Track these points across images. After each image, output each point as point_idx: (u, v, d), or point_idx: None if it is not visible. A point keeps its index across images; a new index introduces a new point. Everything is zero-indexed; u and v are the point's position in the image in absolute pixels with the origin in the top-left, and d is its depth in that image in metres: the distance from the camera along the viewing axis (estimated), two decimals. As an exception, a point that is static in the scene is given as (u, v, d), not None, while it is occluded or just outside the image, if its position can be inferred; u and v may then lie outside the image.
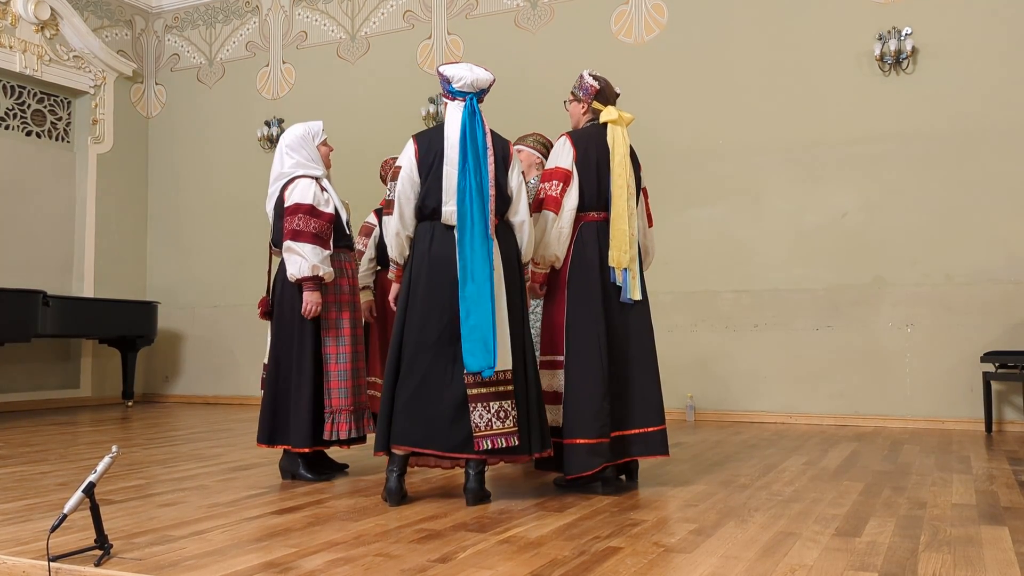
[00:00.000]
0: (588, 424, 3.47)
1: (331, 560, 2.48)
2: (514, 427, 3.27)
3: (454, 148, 3.33)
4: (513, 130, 7.50)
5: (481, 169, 3.29)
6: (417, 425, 3.28)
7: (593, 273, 3.60)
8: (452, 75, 3.39)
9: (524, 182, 3.50)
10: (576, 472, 3.47)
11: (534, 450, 3.35)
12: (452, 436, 3.26)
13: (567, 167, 3.60)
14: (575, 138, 3.68)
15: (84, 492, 2.46)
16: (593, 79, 3.78)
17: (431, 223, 3.39)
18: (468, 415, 3.25)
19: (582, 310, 3.58)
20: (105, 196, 8.88)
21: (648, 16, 7.23)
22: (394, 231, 3.41)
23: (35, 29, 8.19)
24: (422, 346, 3.31)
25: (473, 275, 3.22)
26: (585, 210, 3.64)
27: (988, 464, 4.34)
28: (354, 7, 8.47)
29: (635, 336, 3.67)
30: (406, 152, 3.42)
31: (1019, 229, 6.03)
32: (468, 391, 3.25)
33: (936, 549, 2.59)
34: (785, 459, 4.53)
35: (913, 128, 6.33)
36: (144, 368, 9.14)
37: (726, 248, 6.84)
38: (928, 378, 6.18)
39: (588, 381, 3.50)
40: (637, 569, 2.38)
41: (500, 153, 3.41)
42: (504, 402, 3.27)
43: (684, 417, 6.71)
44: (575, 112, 3.84)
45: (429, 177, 3.35)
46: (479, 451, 3.24)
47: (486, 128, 3.37)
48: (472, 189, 3.25)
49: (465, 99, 3.38)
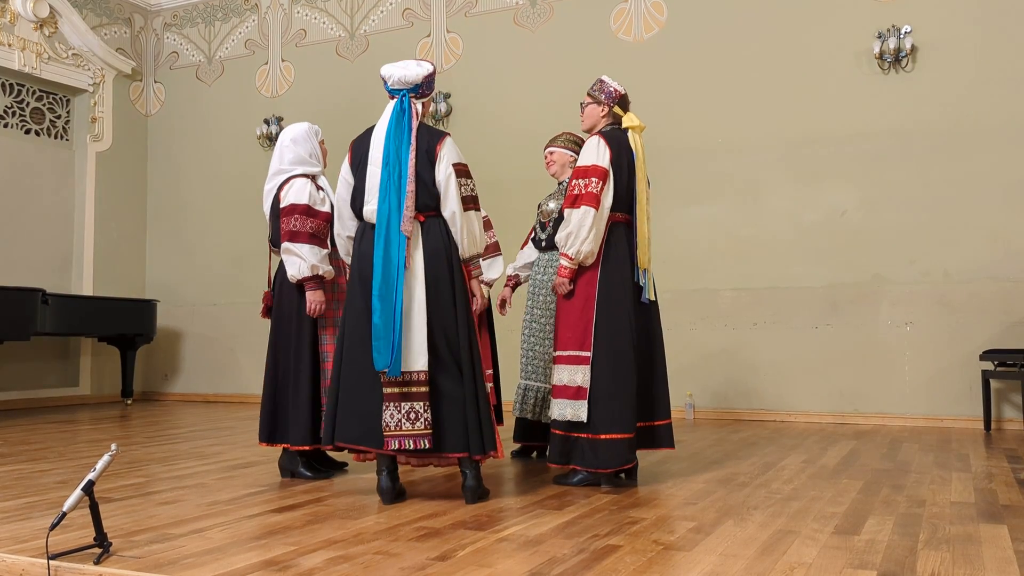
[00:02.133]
0: (627, 420, 3.56)
1: (330, 558, 2.48)
2: (426, 429, 3.21)
3: (378, 147, 3.35)
4: (511, 127, 7.55)
5: (401, 165, 3.28)
6: (354, 422, 3.29)
7: (625, 273, 3.69)
8: (384, 74, 3.41)
9: (452, 174, 3.34)
10: (615, 466, 3.55)
11: (473, 452, 3.26)
12: (380, 433, 3.26)
13: (605, 165, 3.63)
14: (608, 139, 3.71)
15: (83, 490, 2.47)
16: (617, 84, 3.85)
17: (363, 222, 3.42)
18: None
19: (615, 309, 3.64)
20: (104, 194, 8.88)
21: (647, 14, 7.23)
22: (336, 232, 3.57)
23: (34, 27, 8.18)
24: (354, 343, 3.33)
25: (383, 273, 3.22)
26: (613, 211, 3.69)
27: (987, 462, 4.35)
28: (353, 5, 8.47)
29: (650, 334, 3.80)
30: (346, 156, 3.48)
31: (1018, 227, 6.03)
32: (383, 390, 3.24)
33: (935, 547, 2.60)
34: (784, 457, 4.53)
35: (912, 126, 6.33)
36: (143, 366, 9.14)
37: (725, 246, 6.84)
38: (927, 376, 6.18)
39: (623, 378, 3.58)
40: (636, 567, 2.38)
41: (424, 146, 3.34)
42: (416, 403, 3.22)
43: (683, 415, 6.71)
44: (593, 114, 3.85)
45: (357, 176, 3.41)
46: (389, 450, 3.23)
47: (413, 123, 3.34)
48: (392, 186, 3.26)
49: (397, 97, 3.39)
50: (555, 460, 3.69)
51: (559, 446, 3.66)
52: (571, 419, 3.59)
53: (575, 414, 3.58)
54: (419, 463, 3.48)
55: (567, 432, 3.63)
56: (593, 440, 3.56)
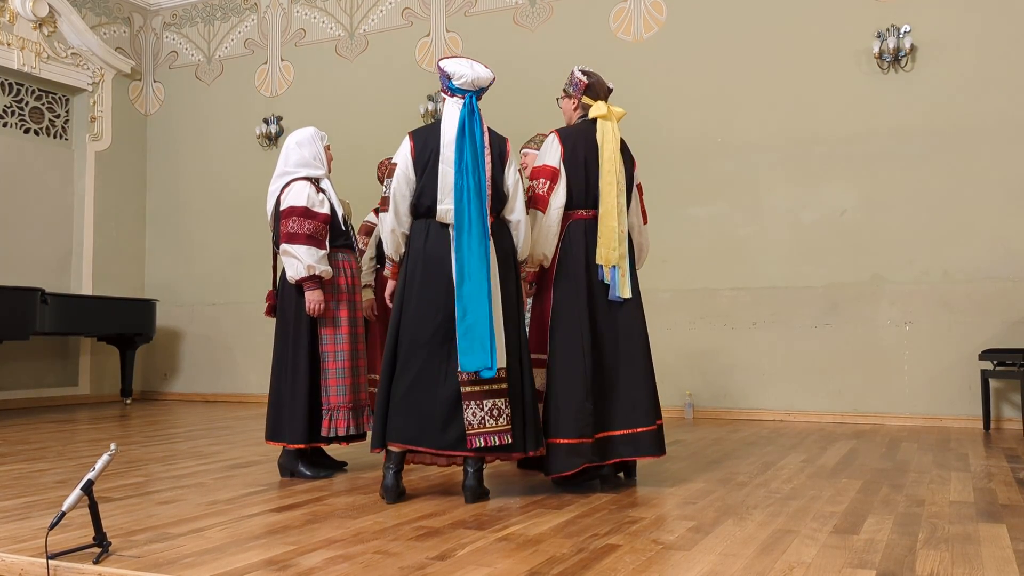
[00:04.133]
0: (569, 424, 3.45)
1: (330, 557, 2.48)
2: (507, 425, 3.27)
3: (450, 146, 3.32)
4: (511, 128, 7.50)
5: (479, 168, 3.29)
6: (411, 423, 3.28)
7: (579, 271, 3.58)
8: (452, 72, 3.35)
9: (520, 180, 3.50)
10: (556, 472, 3.46)
11: (529, 448, 3.34)
12: (446, 434, 3.26)
13: (555, 165, 3.58)
14: (563, 135, 3.65)
15: (83, 490, 2.46)
16: (583, 74, 3.74)
17: (426, 221, 3.38)
18: (461, 413, 3.25)
19: (567, 309, 3.56)
20: (103, 194, 8.87)
21: (647, 13, 7.23)
22: (389, 228, 3.40)
23: (33, 26, 8.18)
24: (416, 344, 3.31)
25: (470, 274, 3.22)
26: (573, 208, 3.61)
27: (986, 462, 4.35)
28: (353, 4, 8.46)
29: (624, 335, 3.62)
30: (402, 149, 3.41)
31: (1017, 226, 6.03)
32: (462, 389, 3.25)
33: (934, 546, 2.60)
34: (783, 457, 4.53)
35: (912, 126, 6.34)
36: (143, 366, 9.14)
37: (725, 246, 6.84)
38: (926, 376, 6.19)
39: (570, 381, 3.48)
40: (635, 567, 2.38)
41: (497, 151, 3.40)
42: (498, 400, 3.27)
43: (683, 415, 6.71)
44: (567, 109, 3.84)
45: (425, 175, 3.34)
46: (472, 448, 3.23)
47: (484, 126, 3.36)
48: (470, 188, 3.25)
49: (464, 96, 3.37)
50: (524, 465, 3.71)
51: None
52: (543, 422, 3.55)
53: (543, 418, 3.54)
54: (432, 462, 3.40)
55: None
56: (548, 443, 3.47)
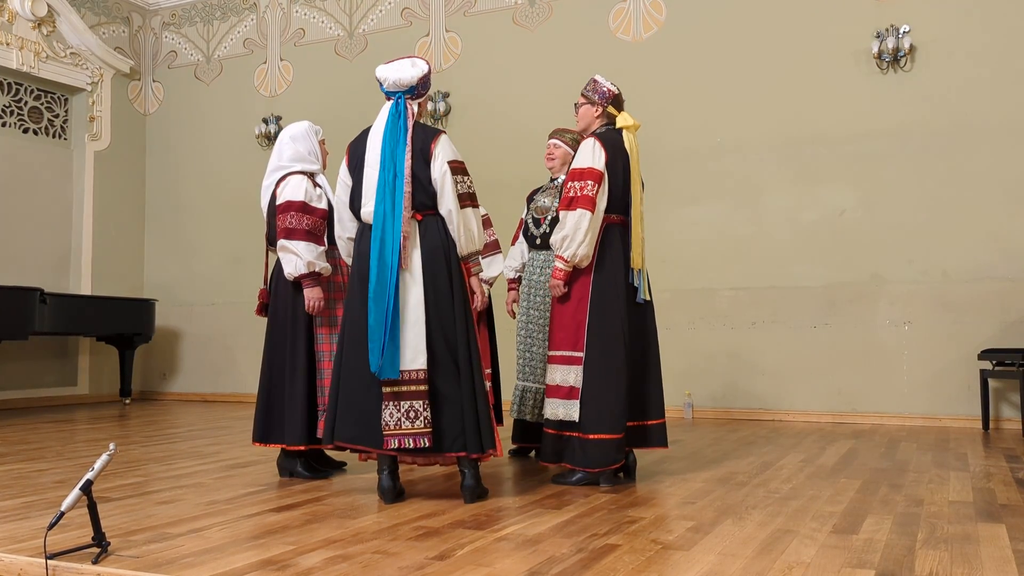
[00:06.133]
0: (615, 420, 3.59)
1: (329, 557, 2.48)
2: (425, 427, 3.22)
3: (375, 149, 3.36)
4: (511, 127, 7.55)
5: (397, 164, 3.29)
6: (350, 421, 3.30)
7: (619, 275, 3.71)
8: (379, 77, 3.43)
9: (448, 171, 3.34)
10: (602, 466, 3.59)
11: (471, 450, 3.25)
12: (379, 432, 3.26)
13: (601, 168, 3.66)
14: (604, 141, 3.72)
15: (82, 490, 2.46)
16: (611, 84, 3.85)
17: (362, 223, 3.44)
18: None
19: (608, 310, 3.66)
20: (102, 193, 8.86)
21: (646, 13, 7.23)
22: (336, 234, 3.59)
23: (32, 26, 8.17)
24: (354, 343, 3.33)
25: (378, 273, 3.23)
26: (608, 212, 3.71)
27: (985, 461, 4.35)
28: (352, 4, 8.46)
29: (644, 334, 3.82)
30: (344, 158, 3.50)
31: (1016, 226, 6.03)
32: (382, 389, 3.25)
33: (933, 546, 2.60)
34: (782, 456, 4.54)
35: (911, 126, 6.34)
36: (142, 366, 9.13)
37: (724, 246, 6.84)
38: (925, 375, 6.19)
39: (613, 379, 3.61)
40: (635, 566, 2.38)
41: (419, 145, 3.35)
42: (415, 402, 3.22)
43: (682, 415, 6.71)
44: (587, 115, 3.87)
45: (355, 178, 3.43)
46: (388, 449, 3.23)
47: (409, 123, 3.35)
48: (386, 185, 3.28)
49: (393, 98, 3.41)
50: (547, 459, 3.74)
51: (551, 445, 3.71)
52: (563, 418, 3.64)
53: (567, 414, 3.63)
54: (424, 462, 3.51)
55: (559, 431, 3.67)
56: (583, 440, 3.60)
